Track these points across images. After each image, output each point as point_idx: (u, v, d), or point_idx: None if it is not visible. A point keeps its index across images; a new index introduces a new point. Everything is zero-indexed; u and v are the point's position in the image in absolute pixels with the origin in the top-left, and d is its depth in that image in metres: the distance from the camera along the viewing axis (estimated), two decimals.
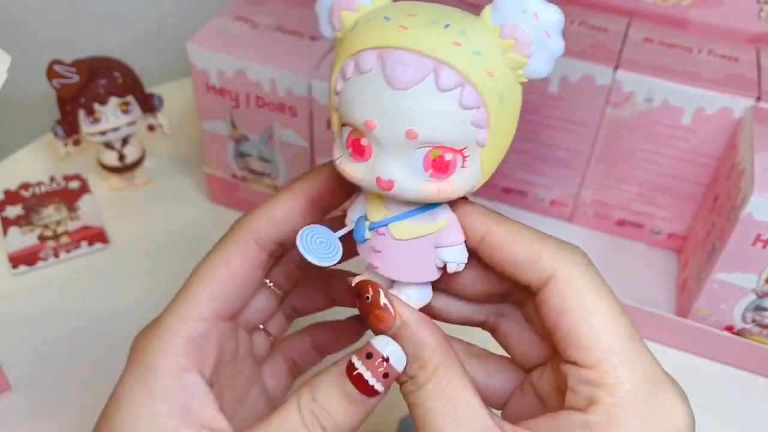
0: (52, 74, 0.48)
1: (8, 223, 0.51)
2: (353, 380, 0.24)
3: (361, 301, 0.25)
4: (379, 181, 0.23)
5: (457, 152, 0.23)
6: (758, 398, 0.44)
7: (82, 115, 0.50)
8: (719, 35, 0.50)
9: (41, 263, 0.49)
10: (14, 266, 0.49)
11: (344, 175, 0.25)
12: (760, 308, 0.44)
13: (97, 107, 0.50)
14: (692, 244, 0.49)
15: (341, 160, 0.24)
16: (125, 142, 0.53)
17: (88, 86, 0.49)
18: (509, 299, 0.29)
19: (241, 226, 0.28)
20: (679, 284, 0.50)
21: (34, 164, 0.57)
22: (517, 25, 0.23)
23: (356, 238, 0.26)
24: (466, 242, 0.26)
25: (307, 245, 0.25)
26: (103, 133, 0.51)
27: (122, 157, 0.53)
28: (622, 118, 0.47)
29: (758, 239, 0.40)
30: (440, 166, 0.23)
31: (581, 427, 0.23)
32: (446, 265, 0.26)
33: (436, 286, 0.27)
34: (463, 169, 0.24)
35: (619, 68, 0.46)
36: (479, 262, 0.27)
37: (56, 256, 0.49)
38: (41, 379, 0.42)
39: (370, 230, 0.25)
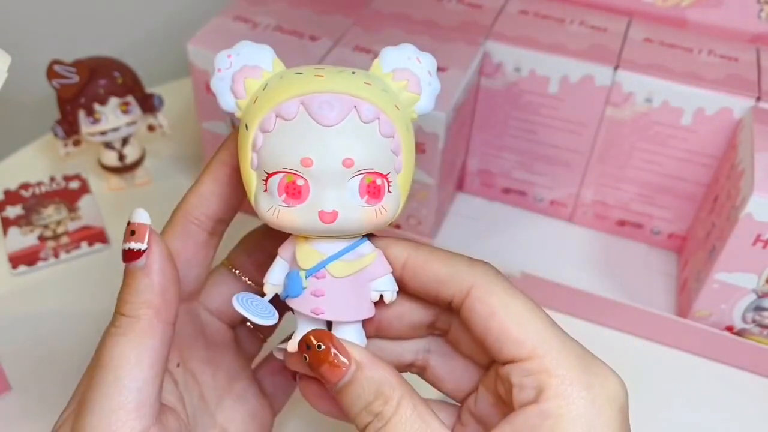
0: (52, 74, 0.48)
1: (8, 223, 0.51)
2: (124, 259, 0.25)
3: (311, 353, 0.25)
4: (322, 215, 0.25)
5: (384, 177, 0.25)
6: (758, 398, 0.44)
7: (82, 115, 0.50)
8: (719, 35, 0.50)
9: (41, 263, 0.49)
10: (14, 266, 0.49)
11: (280, 225, 0.26)
12: (760, 308, 0.44)
13: (97, 107, 0.50)
14: (692, 244, 0.49)
15: (274, 210, 0.25)
16: (125, 142, 0.53)
17: (88, 86, 0.49)
18: (434, 329, 0.30)
19: (176, 210, 0.29)
20: (679, 284, 0.50)
21: (34, 164, 0.57)
22: (406, 68, 0.27)
23: (292, 293, 0.26)
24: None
25: (246, 306, 0.26)
26: (103, 133, 0.51)
27: (122, 157, 0.53)
28: (622, 118, 0.47)
29: (758, 239, 0.40)
30: (373, 191, 0.25)
31: (538, 417, 0.24)
32: (382, 296, 0.27)
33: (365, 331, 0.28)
34: (389, 193, 0.26)
35: (619, 68, 0.46)
36: (402, 294, 0.28)
37: (56, 256, 0.49)
38: (41, 379, 0.42)
39: (307, 278, 0.26)
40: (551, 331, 0.25)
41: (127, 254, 0.25)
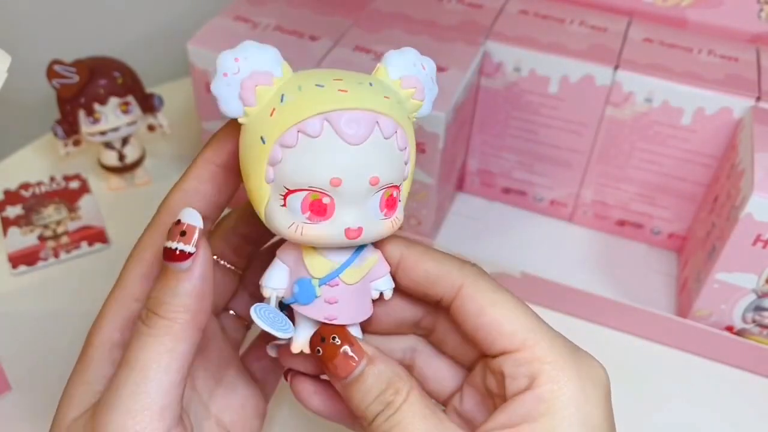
0: (52, 74, 0.48)
1: (8, 223, 0.51)
2: (166, 257, 0.25)
3: (326, 346, 0.26)
4: (348, 231, 0.25)
5: (398, 189, 0.26)
6: (758, 398, 0.44)
7: (82, 115, 0.50)
8: (719, 35, 0.50)
9: (41, 263, 0.49)
10: (14, 266, 0.49)
11: (302, 241, 0.25)
12: (760, 308, 0.44)
13: (97, 107, 0.50)
14: (692, 244, 0.49)
15: (296, 227, 0.25)
16: (125, 142, 0.53)
17: (88, 86, 0.49)
18: (419, 328, 0.31)
19: (160, 207, 0.29)
20: (679, 284, 0.50)
21: (34, 164, 0.57)
22: (414, 76, 0.27)
23: (303, 300, 0.26)
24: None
25: (264, 319, 0.26)
26: (103, 133, 0.51)
27: (122, 157, 0.53)
28: (622, 118, 0.47)
29: (758, 239, 0.40)
30: (391, 203, 0.26)
31: (532, 402, 0.25)
32: (382, 294, 0.28)
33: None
34: (399, 202, 0.27)
35: (619, 68, 0.46)
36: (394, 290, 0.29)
37: (56, 256, 0.49)
38: (41, 379, 0.42)
39: (320, 286, 0.26)
40: (539, 323, 0.27)
41: (171, 254, 0.25)
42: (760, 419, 0.43)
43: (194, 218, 0.25)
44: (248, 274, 0.33)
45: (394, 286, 0.28)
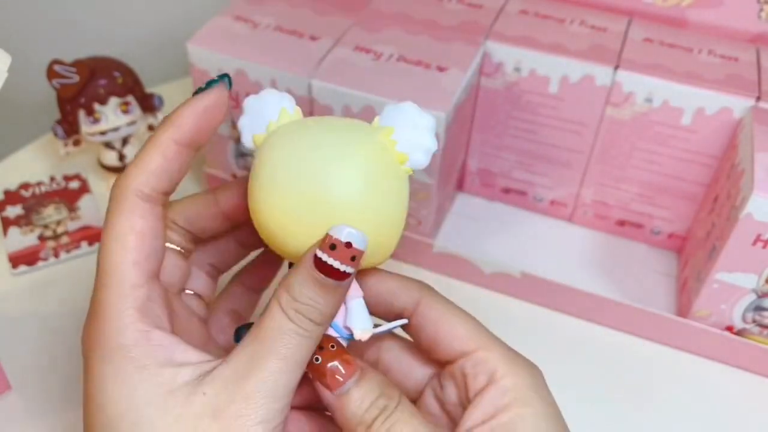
0: (52, 74, 0.48)
1: (8, 223, 0.51)
2: (325, 272, 0.26)
3: (324, 353, 0.28)
4: None
5: None
6: (758, 398, 0.44)
7: (82, 115, 0.50)
8: (719, 35, 0.50)
9: (41, 263, 0.49)
10: (14, 266, 0.49)
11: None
12: (760, 308, 0.44)
13: (97, 107, 0.50)
14: (692, 244, 0.49)
15: None
16: (125, 142, 0.53)
17: (88, 86, 0.49)
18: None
19: (124, 188, 0.28)
20: (679, 284, 0.50)
21: (34, 164, 0.57)
22: (397, 130, 0.28)
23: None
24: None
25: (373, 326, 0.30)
26: (103, 133, 0.51)
27: (122, 157, 0.53)
28: (622, 118, 0.47)
29: (758, 239, 0.40)
30: None
31: (499, 394, 0.28)
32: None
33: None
34: None
35: (619, 68, 0.46)
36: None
37: (56, 256, 0.49)
38: (41, 379, 0.42)
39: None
40: (484, 330, 0.30)
41: (334, 273, 0.27)
42: (760, 419, 0.43)
43: (364, 243, 0.27)
44: (202, 255, 0.34)
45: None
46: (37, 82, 0.52)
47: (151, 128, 0.54)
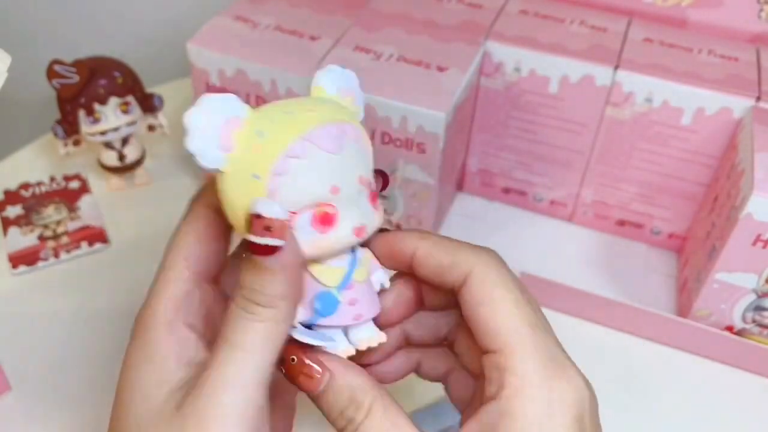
0: (52, 74, 0.48)
1: (8, 223, 0.51)
2: (253, 250, 0.25)
3: (287, 366, 0.27)
4: (356, 231, 0.27)
5: (371, 182, 0.28)
6: (758, 398, 0.44)
7: (82, 115, 0.50)
8: (719, 35, 0.50)
9: (41, 263, 0.49)
10: (14, 266, 0.49)
11: (319, 253, 0.27)
12: (760, 308, 0.44)
13: (97, 107, 0.50)
14: (692, 244, 0.49)
15: (310, 243, 0.26)
16: (125, 142, 0.53)
17: (88, 86, 0.49)
18: (444, 340, 0.31)
19: (199, 201, 0.30)
20: (679, 284, 0.50)
21: (34, 164, 0.57)
22: (348, 87, 0.29)
23: (328, 312, 0.27)
24: (401, 263, 0.30)
25: (311, 336, 0.27)
26: (103, 133, 0.51)
27: (122, 157, 0.53)
28: (622, 118, 0.47)
29: (758, 239, 0.40)
30: (374, 197, 0.28)
31: (496, 414, 0.25)
32: (382, 286, 0.30)
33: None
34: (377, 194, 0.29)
35: (619, 68, 0.46)
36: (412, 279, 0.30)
37: (56, 256, 0.49)
38: (41, 379, 0.42)
39: (340, 291, 0.27)
40: (526, 330, 0.26)
41: (260, 249, 0.25)
42: (760, 419, 0.43)
43: (274, 210, 0.25)
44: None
45: (391, 274, 0.30)
46: (37, 82, 0.52)
47: (151, 128, 0.54)
